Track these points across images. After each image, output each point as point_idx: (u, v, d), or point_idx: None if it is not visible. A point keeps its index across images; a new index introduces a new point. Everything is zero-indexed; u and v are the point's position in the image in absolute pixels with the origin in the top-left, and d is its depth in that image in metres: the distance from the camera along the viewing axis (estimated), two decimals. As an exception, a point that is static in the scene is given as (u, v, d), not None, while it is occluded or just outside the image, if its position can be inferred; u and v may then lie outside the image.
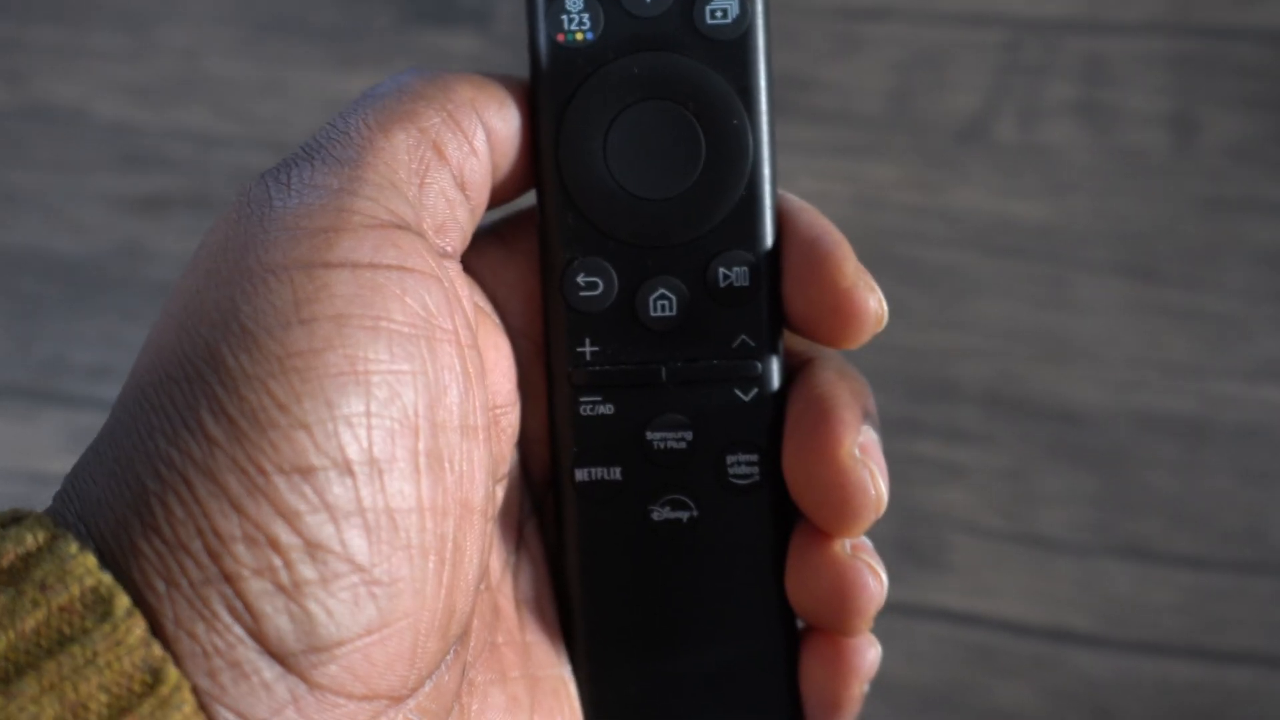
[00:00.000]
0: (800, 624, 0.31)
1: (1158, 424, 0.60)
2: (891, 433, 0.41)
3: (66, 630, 0.23)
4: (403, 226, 0.27)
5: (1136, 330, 0.61)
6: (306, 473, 0.24)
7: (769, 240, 0.31)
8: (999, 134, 0.64)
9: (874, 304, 0.30)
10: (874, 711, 0.58)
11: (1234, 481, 0.59)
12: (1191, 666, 0.57)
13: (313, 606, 0.24)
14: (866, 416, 0.30)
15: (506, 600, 0.31)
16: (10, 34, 0.74)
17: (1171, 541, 0.59)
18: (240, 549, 0.24)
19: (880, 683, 0.60)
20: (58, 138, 0.72)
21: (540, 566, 0.32)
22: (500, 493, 0.31)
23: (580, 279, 0.31)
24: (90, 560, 0.24)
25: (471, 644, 0.29)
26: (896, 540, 0.59)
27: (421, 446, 0.26)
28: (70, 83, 0.72)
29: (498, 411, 0.30)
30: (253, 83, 0.71)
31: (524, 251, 0.32)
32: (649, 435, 0.31)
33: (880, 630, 0.31)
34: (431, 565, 0.26)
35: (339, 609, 0.25)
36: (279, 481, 0.24)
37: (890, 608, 0.36)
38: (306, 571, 0.24)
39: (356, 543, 0.25)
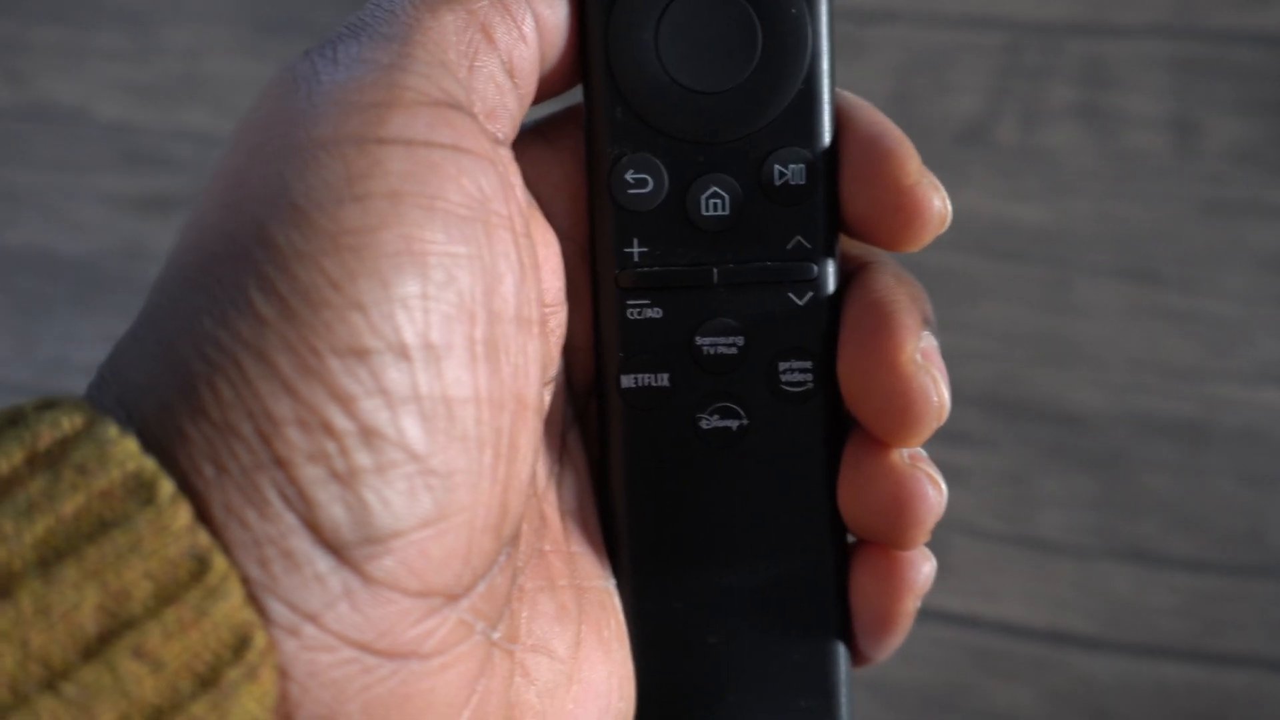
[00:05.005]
0: (850, 538, 0.30)
1: (1158, 427, 0.60)
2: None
3: (108, 515, 0.22)
4: (455, 106, 0.26)
5: (1137, 333, 0.61)
6: (361, 355, 0.23)
7: (827, 137, 0.29)
8: (1000, 137, 0.64)
9: (938, 203, 0.28)
10: (873, 713, 0.58)
11: (1234, 484, 0.59)
12: (1191, 669, 0.57)
13: (368, 496, 0.23)
14: (926, 323, 0.29)
15: (552, 509, 0.30)
16: (12, 33, 0.74)
17: (1171, 544, 0.59)
18: (293, 432, 0.23)
19: (879, 684, 0.60)
20: (59, 137, 0.72)
21: (583, 477, 0.31)
22: (547, 397, 0.29)
23: (629, 176, 0.29)
24: (131, 444, 0.22)
25: (521, 549, 0.28)
26: (896, 542, 0.59)
27: (478, 334, 0.25)
28: (72, 82, 0.73)
29: (547, 310, 0.29)
30: (254, 82, 0.71)
31: (569, 150, 0.30)
32: (698, 340, 0.30)
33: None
34: (488, 459, 0.25)
35: (395, 499, 0.23)
36: (333, 363, 0.23)
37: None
38: (362, 458, 0.23)
39: (413, 431, 0.24)
